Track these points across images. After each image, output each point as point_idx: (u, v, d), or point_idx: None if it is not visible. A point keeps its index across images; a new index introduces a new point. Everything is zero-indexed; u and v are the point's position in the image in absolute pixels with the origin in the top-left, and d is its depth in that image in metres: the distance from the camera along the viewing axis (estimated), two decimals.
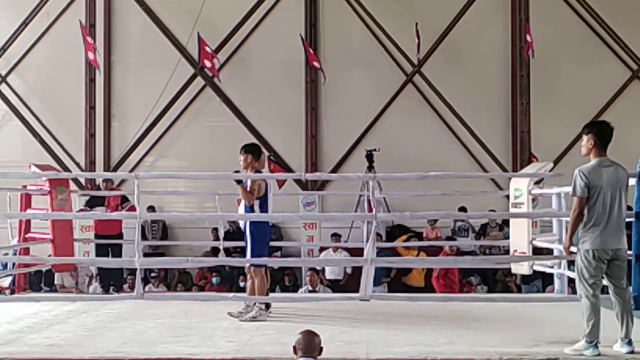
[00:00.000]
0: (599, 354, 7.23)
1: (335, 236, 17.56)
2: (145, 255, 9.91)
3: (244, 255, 10.22)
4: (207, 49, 19.22)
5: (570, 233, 7.46)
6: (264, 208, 9.79)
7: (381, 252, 14.60)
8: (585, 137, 7.46)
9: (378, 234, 14.32)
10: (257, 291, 9.79)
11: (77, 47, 19.62)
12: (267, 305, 10.09)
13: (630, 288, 7.60)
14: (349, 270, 16.83)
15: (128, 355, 7.57)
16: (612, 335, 7.41)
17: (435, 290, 15.75)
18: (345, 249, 16.37)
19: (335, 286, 16.48)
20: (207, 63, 19.40)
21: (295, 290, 17.04)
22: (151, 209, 18.29)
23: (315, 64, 19.69)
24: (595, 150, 7.39)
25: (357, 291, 9.71)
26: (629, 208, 7.79)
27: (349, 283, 16.40)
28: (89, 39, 19.35)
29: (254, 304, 9.74)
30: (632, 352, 7.23)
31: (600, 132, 7.43)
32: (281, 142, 20.56)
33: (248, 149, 9.97)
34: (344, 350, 7.68)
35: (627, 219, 7.66)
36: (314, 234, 19.24)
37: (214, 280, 17.85)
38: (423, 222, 18.53)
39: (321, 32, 20.65)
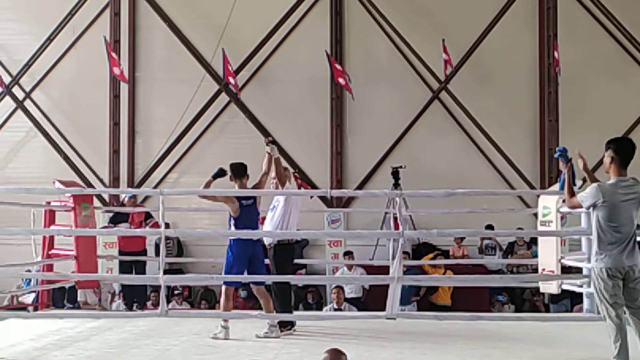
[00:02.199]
0: None
1: (348, 254, 17.44)
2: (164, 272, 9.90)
3: (268, 273, 10.20)
4: (230, 67, 19.18)
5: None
6: (238, 228, 9.90)
7: (409, 270, 14.44)
8: (605, 154, 7.39)
9: (405, 252, 14.20)
10: (222, 309, 9.97)
11: (101, 63, 19.60)
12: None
13: None
14: (366, 287, 16.71)
15: None
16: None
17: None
18: (371, 266, 16.19)
19: (355, 304, 16.33)
20: (231, 80, 19.39)
21: (319, 308, 16.91)
22: (166, 225, 18.14)
23: (341, 80, 19.48)
24: (615, 167, 7.33)
25: (376, 308, 9.58)
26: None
27: (368, 300, 16.29)
28: (113, 54, 19.35)
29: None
30: None
31: (619, 148, 7.35)
32: (306, 159, 20.43)
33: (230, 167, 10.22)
34: None
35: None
36: (339, 252, 19.05)
37: (241, 293, 17.72)
38: (449, 240, 18.33)
39: (346, 48, 20.55)
